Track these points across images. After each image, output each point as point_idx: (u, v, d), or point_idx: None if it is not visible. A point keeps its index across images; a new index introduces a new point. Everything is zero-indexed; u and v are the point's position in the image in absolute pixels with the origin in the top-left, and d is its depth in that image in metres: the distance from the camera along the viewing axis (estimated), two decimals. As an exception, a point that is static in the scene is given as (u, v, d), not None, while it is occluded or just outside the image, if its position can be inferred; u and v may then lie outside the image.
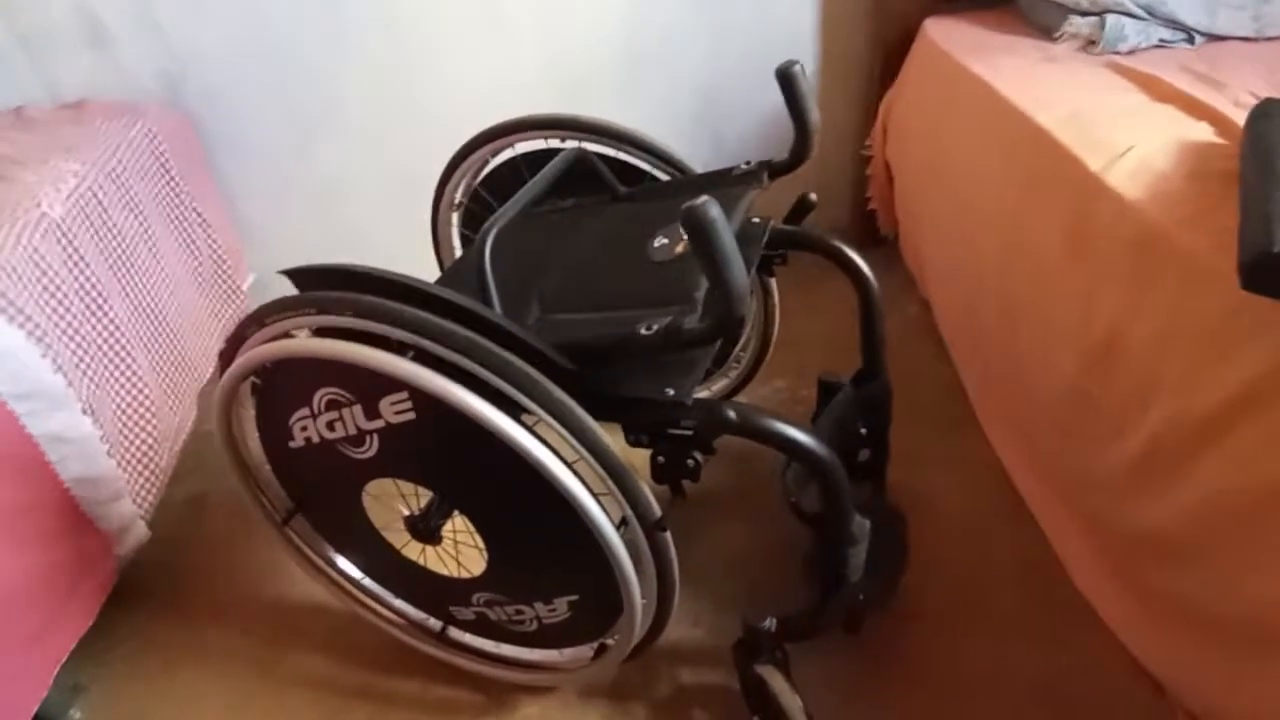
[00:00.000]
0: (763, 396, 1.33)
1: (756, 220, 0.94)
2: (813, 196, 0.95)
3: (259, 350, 0.76)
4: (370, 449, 0.79)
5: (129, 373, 1.14)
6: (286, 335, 0.77)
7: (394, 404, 0.74)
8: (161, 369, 1.22)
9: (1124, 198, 0.85)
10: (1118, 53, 1.23)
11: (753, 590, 1.06)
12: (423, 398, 0.72)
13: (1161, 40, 1.24)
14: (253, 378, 0.83)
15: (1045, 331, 1.00)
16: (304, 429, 0.82)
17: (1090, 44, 1.25)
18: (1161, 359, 0.78)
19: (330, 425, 0.79)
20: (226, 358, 0.82)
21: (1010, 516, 1.08)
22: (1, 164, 1.16)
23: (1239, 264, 0.65)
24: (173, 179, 1.36)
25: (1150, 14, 1.23)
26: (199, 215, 1.41)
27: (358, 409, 0.76)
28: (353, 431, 0.78)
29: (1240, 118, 0.86)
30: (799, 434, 0.74)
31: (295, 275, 0.77)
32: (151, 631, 1.11)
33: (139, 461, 1.12)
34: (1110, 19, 1.23)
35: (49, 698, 0.93)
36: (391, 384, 0.72)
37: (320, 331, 0.74)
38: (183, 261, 1.36)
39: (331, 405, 0.78)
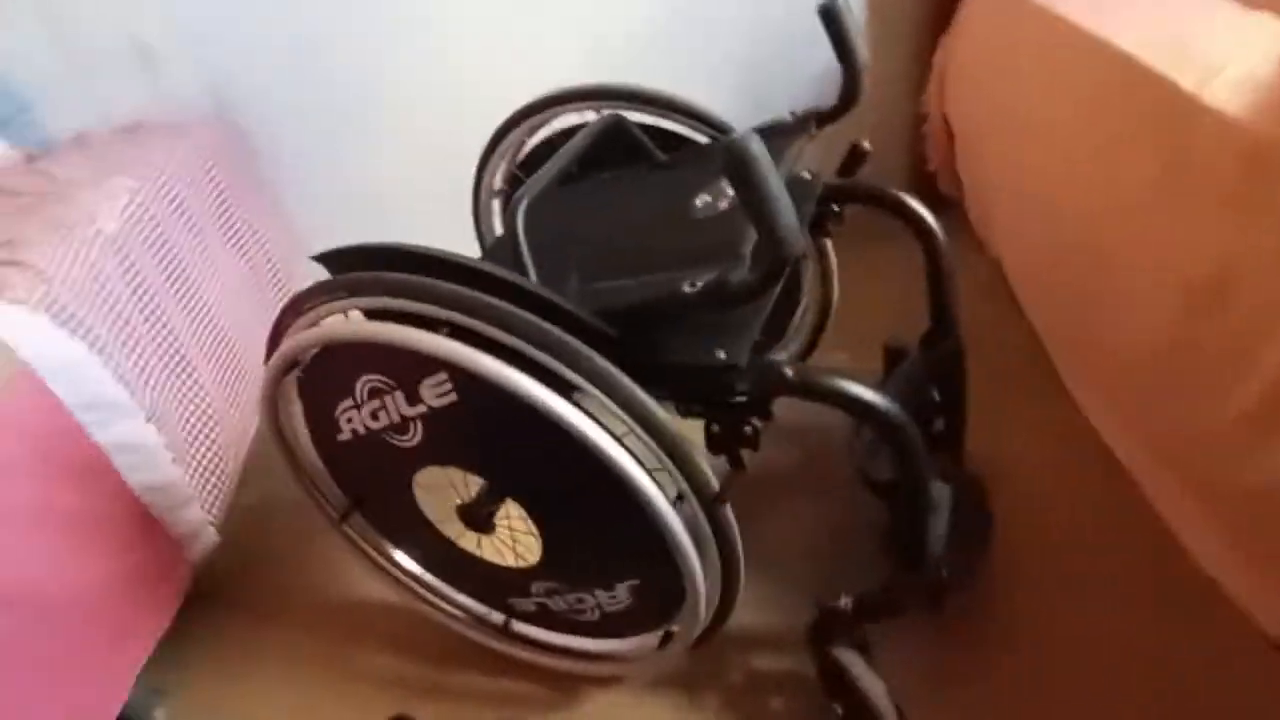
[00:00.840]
0: (824, 371, 1.26)
1: (808, 174, 0.88)
2: (866, 144, 0.88)
3: (290, 342, 0.74)
4: (415, 436, 0.77)
5: (190, 382, 1.16)
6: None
7: (434, 386, 0.72)
8: (222, 378, 1.25)
9: (1227, 115, 0.76)
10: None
11: (826, 569, 1.00)
12: (462, 377, 0.69)
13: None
14: (297, 372, 0.82)
15: (1140, 277, 0.90)
16: (349, 420, 0.81)
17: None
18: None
19: (374, 414, 0.78)
20: (269, 353, 0.81)
21: (1105, 482, 0.98)
22: (62, 186, 1.20)
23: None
24: (222, 191, 1.38)
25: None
26: (250, 226, 1.43)
27: (399, 395, 0.75)
28: (396, 419, 0.77)
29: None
30: (866, 392, 0.68)
31: (326, 259, 0.76)
32: (227, 633, 1.12)
33: (205, 468, 1.14)
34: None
35: (132, 700, 0.95)
36: (430, 365, 0.70)
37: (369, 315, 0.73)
38: (238, 272, 1.38)
39: (374, 393, 0.76)
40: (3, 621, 0.80)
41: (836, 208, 0.91)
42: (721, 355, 0.68)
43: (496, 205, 1.15)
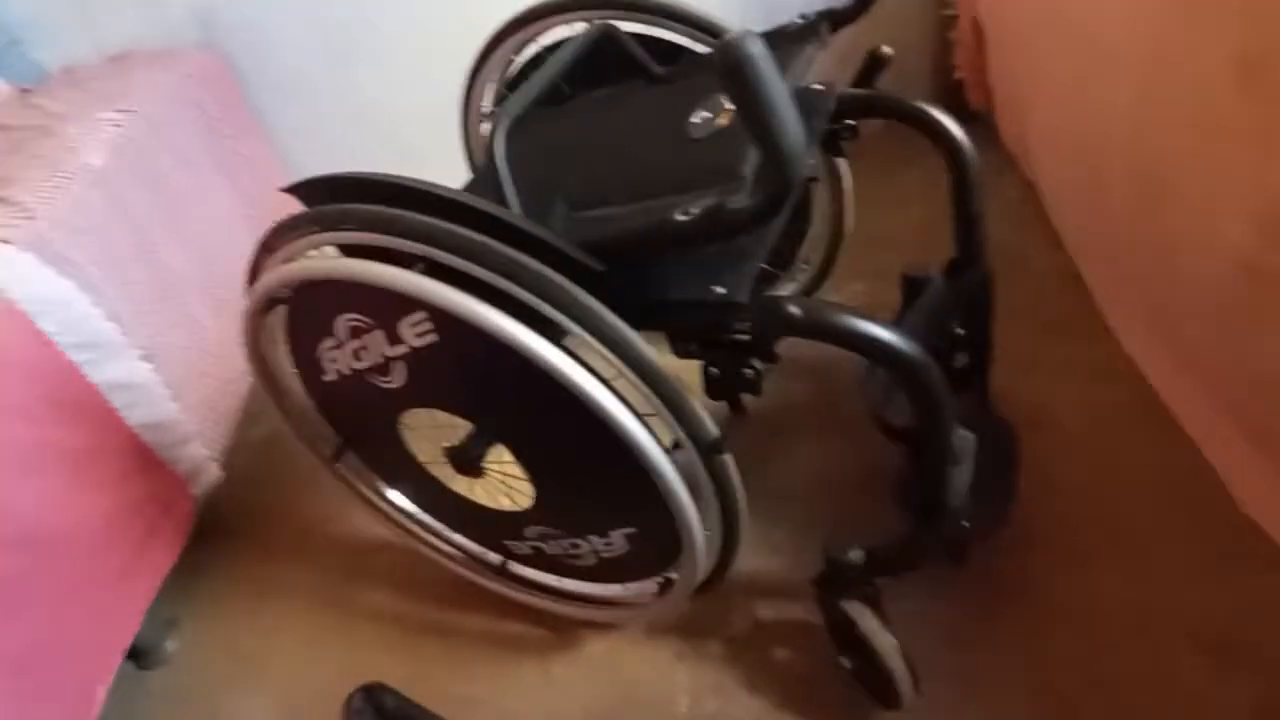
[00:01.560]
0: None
1: (820, 86, 0.78)
2: (887, 49, 0.78)
3: (261, 282, 0.70)
4: (398, 377, 0.73)
5: (187, 318, 1.13)
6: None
7: (413, 325, 0.67)
8: (220, 313, 1.22)
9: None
10: None
11: (838, 515, 0.95)
12: (441, 316, 0.64)
13: None
14: (282, 308, 0.78)
15: (1204, 198, 0.80)
16: (333, 360, 0.77)
17: None
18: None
19: (356, 354, 0.74)
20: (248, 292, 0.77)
21: (1146, 427, 0.91)
22: (50, 120, 1.16)
23: None
24: (212, 121, 1.33)
25: None
26: (242, 155, 1.38)
27: (379, 334, 0.70)
28: (379, 360, 0.72)
29: None
30: (880, 330, 0.61)
31: (299, 190, 0.70)
32: (235, 568, 1.14)
33: (205, 405, 1.13)
34: None
35: (145, 631, 0.97)
36: (408, 303, 0.65)
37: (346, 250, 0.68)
38: (232, 204, 1.34)
39: (355, 332, 0.72)
40: (7, 560, 0.80)
41: (852, 122, 0.82)
42: (720, 291, 0.62)
43: (486, 128, 1.07)
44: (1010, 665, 0.79)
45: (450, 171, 1.03)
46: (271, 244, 0.71)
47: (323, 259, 0.68)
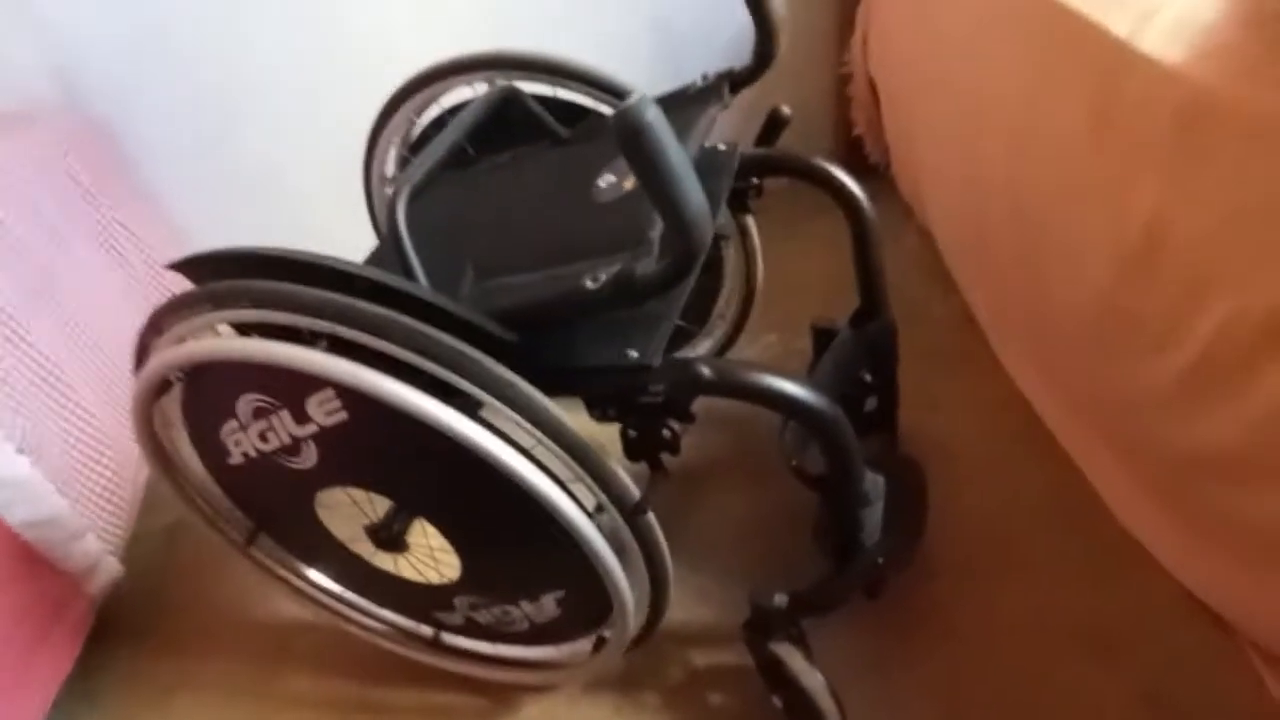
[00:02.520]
0: (752, 355, 1.21)
1: (723, 146, 0.82)
2: (786, 110, 0.82)
3: (151, 365, 0.66)
4: (309, 457, 0.70)
5: (70, 405, 1.05)
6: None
7: (322, 404, 0.65)
8: (109, 397, 1.13)
9: (1161, 63, 0.71)
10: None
11: (761, 560, 0.97)
12: (350, 393, 0.62)
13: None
14: (177, 392, 0.74)
15: (1069, 238, 0.87)
16: (238, 443, 0.73)
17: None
18: (1216, 251, 0.66)
19: (262, 436, 0.71)
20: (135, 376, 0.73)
21: (1037, 453, 0.98)
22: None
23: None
24: (86, 190, 1.23)
25: None
26: (123, 226, 1.28)
27: (285, 414, 0.67)
28: (286, 440, 0.69)
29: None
30: (790, 386, 0.63)
31: (184, 267, 0.67)
32: (140, 668, 1.05)
33: (99, 496, 1.04)
34: None
35: (39, 749, 0.88)
36: (313, 382, 0.63)
37: (241, 330, 0.65)
38: (114, 278, 1.25)
39: (259, 413, 0.69)
40: None
41: (756, 180, 0.85)
42: (633, 355, 0.62)
43: (390, 192, 1.05)
44: (924, 686, 0.83)
45: (345, 236, 1.00)
46: (160, 324, 0.68)
47: (217, 339, 0.65)
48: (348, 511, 0.79)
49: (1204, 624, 0.77)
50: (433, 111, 0.97)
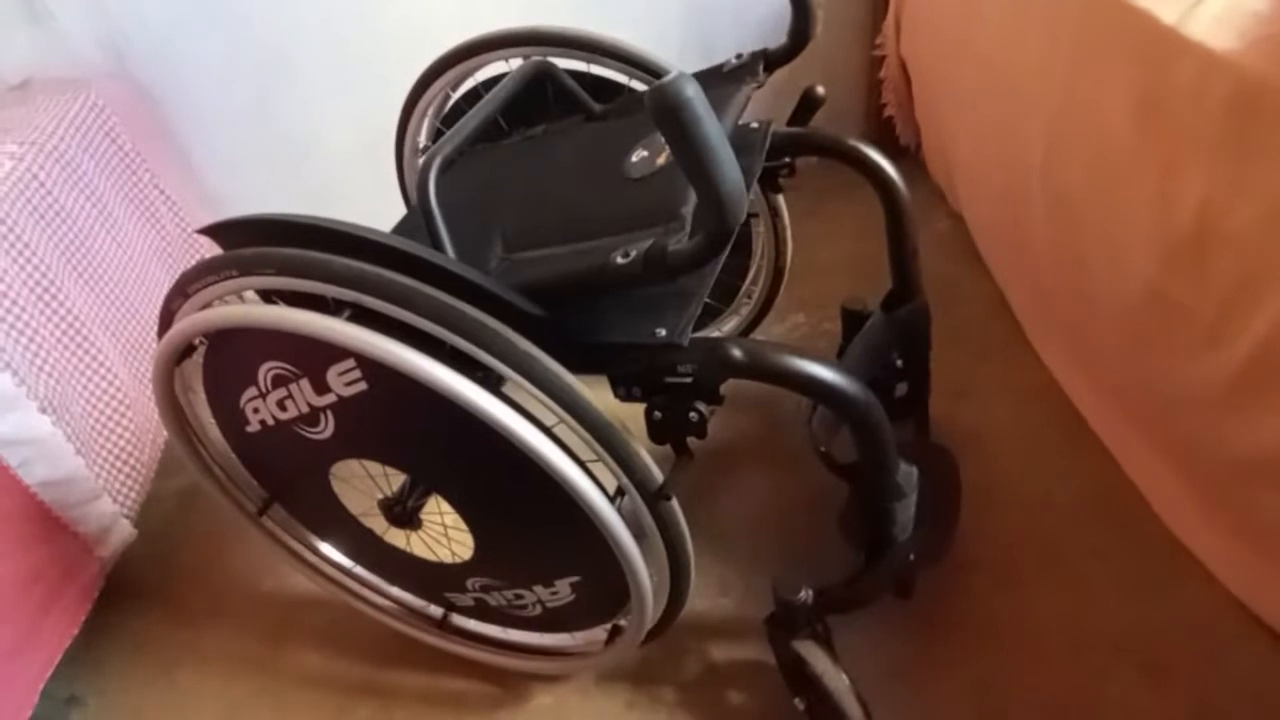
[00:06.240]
0: (779, 335, 1.19)
1: (755, 124, 0.79)
2: (820, 90, 0.79)
3: (175, 329, 0.65)
4: (327, 428, 0.69)
5: (95, 365, 1.05)
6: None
7: (342, 374, 0.64)
8: (133, 359, 1.14)
9: (1211, 50, 0.69)
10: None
11: (786, 551, 0.95)
12: (371, 364, 0.61)
13: None
14: (198, 356, 0.73)
15: (1112, 228, 0.84)
16: (256, 411, 0.72)
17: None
18: (1271, 243, 0.63)
19: (281, 404, 0.70)
20: (160, 340, 0.72)
21: (1073, 443, 0.94)
22: (-61, 154, 1.07)
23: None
24: (126, 154, 1.26)
25: None
26: (160, 191, 1.31)
27: (305, 383, 0.66)
28: (305, 409, 0.68)
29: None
30: (822, 369, 0.61)
31: (214, 232, 0.66)
32: (147, 634, 1.05)
33: (116, 458, 1.05)
34: None
35: (43, 712, 0.88)
36: (335, 351, 0.62)
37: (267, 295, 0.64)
38: (147, 241, 1.27)
39: (279, 381, 0.68)
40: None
41: (788, 160, 0.83)
42: (661, 333, 0.60)
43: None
44: (957, 694, 0.79)
45: (375, 206, 1.00)
46: (186, 288, 0.67)
47: (242, 305, 0.64)
48: (362, 485, 0.78)
49: (1260, 641, 0.73)
50: (468, 85, 0.96)
